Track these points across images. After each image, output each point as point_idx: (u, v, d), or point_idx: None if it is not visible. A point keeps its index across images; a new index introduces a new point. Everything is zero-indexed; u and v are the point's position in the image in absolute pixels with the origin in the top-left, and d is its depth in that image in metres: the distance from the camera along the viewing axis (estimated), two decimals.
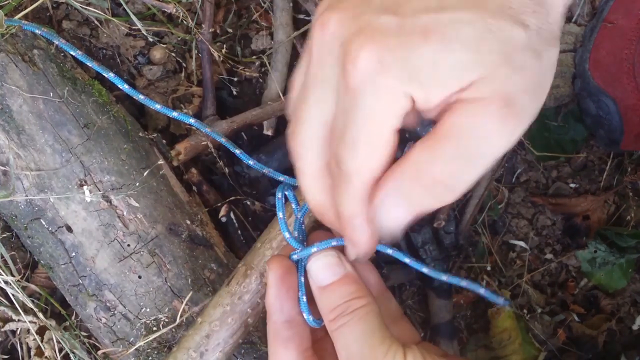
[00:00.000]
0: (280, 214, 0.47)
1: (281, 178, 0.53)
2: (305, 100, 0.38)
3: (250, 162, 0.58)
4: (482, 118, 0.34)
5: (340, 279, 0.42)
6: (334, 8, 0.36)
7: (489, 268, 0.82)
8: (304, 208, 0.47)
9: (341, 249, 0.44)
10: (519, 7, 0.34)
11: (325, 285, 0.42)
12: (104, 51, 0.71)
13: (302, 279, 0.45)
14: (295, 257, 0.45)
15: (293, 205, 0.48)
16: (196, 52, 0.72)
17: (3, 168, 0.57)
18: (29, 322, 0.63)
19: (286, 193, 0.48)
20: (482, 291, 0.45)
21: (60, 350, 0.65)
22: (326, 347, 0.45)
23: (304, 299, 0.44)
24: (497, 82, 0.33)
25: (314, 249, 0.43)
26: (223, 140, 0.61)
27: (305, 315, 0.44)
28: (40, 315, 0.63)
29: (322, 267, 0.42)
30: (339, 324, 0.40)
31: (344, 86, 0.35)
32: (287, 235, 0.45)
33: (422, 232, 0.74)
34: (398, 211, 0.38)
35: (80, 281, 0.59)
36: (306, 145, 0.39)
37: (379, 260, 0.77)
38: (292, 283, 0.44)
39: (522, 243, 0.83)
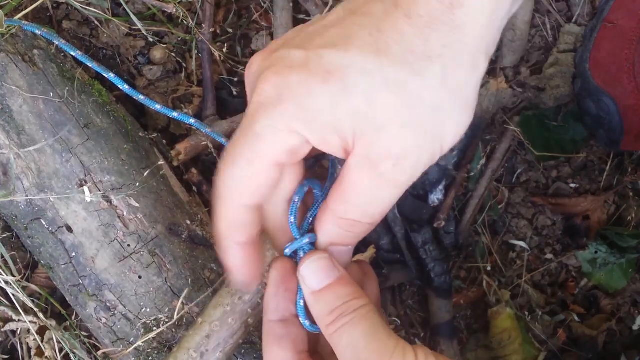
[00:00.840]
0: (291, 218, 0.45)
1: None
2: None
3: None
4: (367, 175, 0.36)
5: (337, 280, 0.41)
6: (261, 51, 0.38)
7: (489, 268, 0.82)
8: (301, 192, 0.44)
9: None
10: (424, 49, 0.34)
11: (321, 289, 0.41)
12: (104, 51, 0.71)
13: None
14: (288, 250, 0.43)
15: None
16: (196, 52, 0.72)
17: (3, 168, 0.57)
18: (29, 322, 0.63)
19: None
20: None
21: (61, 350, 0.65)
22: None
23: (302, 302, 0.44)
24: (385, 139, 0.35)
25: (305, 240, 0.42)
26: (223, 141, 0.61)
27: (301, 319, 0.43)
28: (41, 315, 0.63)
29: (315, 270, 0.41)
30: (340, 324, 0.39)
31: (246, 113, 0.37)
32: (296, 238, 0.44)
33: (423, 232, 0.74)
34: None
35: (81, 281, 0.59)
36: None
37: (379, 260, 0.78)
38: (292, 285, 0.43)
39: (522, 243, 0.83)
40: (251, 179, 0.37)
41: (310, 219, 0.43)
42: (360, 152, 0.35)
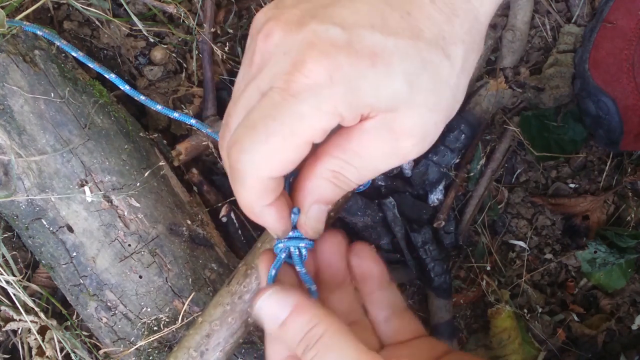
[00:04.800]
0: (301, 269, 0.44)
1: None
2: (236, 102, 0.39)
3: None
4: (384, 144, 0.37)
5: (292, 312, 0.39)
6: (277, 19, 0.37)
7: (488, 268, 0.82)
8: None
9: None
10: (451, 34, 0.37)
11: (280, 324, 0.39)
12: (105, 51, 0.71)
13: (297, 252, 0.43)
14: (281, 245, 0.43)
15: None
16: (197, 52, 0.72)
17: (4, 168, 0.57)
18: (30, 321, 0.63)
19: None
20: None
21: (62, 349, 0.65)
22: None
23: (304, 270, 0.43)
24: (415, 118, 0.36)
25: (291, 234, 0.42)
26: None
27: (308, 285, 0.43)
28: (42, 315, 0.63)
29: (269, 306, 0.39)
30: (310, 356, 0.37)
31: (281, 89, 0.35)
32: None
33: (422, 232, 0.75)
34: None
35: (81, 281, 0.59)
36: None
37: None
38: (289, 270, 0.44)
39: (521, 243, 0.83)
40: (283, 155, 0.36)
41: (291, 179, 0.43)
42: (383, 121, 0.36)
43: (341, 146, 0.38)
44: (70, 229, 0.58)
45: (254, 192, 0.38)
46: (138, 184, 0.60)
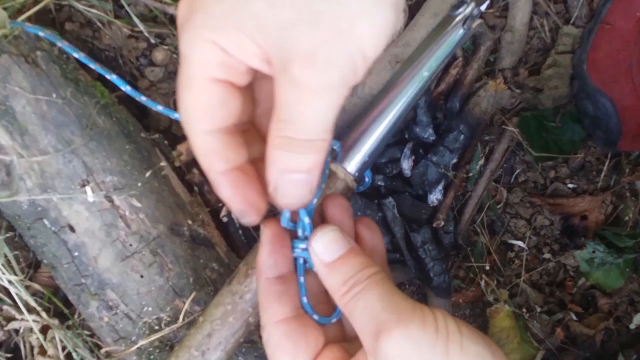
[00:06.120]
0: (301, 279, 0.45)
1: None
2: None
3: None
4: (284, 84, 0.34)
5: (348, 252, 0.41)
6: None
7: (487, 267, 0.82)
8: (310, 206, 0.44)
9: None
10: None
11: (333, 261, 0.41)
12: (107, 53, 0.72)
13: (302, 279, 0.44)
14: (297, 252, 0.44)
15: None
16: None
17: (6, 168, 0.57)
18: (32, 321, 0.63)
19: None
20: None
21: (63, 348, 0.65)
22: None
23: (305, 299, 0.44)
24: (290, 40, 0.32)
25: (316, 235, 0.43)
26: None
27: (309, 314, 0.44)
28: (43, 314, 0.64)
29: (327, 243, 0.41)
30: (355, 291, 0.38)
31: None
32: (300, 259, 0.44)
33: (422, 231, 0.75)
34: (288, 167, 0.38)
35: (83, 280, 0.59)
36: None
37: None
38: (286, 241, 0.44)
39: (520, 243, 0.83)
40: (196, 102, 0.36)
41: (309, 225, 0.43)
42: (276, 60, 0.34)
43: (273, 108, 0.36)
44: (72, 229, 0.58)
45: (201, 152, 0.38)
46: (139, 184, 0.60)
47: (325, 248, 0.41)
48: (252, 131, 0.43)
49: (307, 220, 0.43)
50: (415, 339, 0.35)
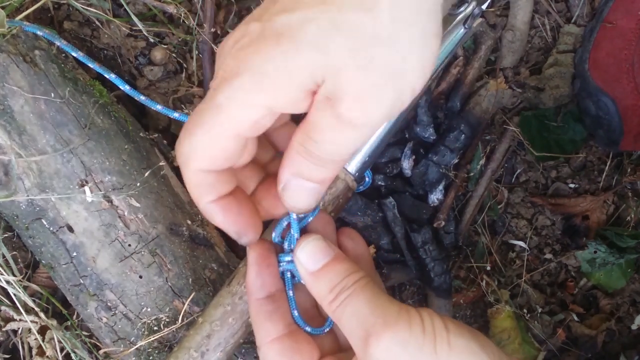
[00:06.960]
0: (290, 293, 0.46)
1: None
2: None
3: None
4: (327, 116, 0.35)
5: (333, 259, 0.42)
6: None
7: (488, 268, 0.82)
8: (304, 220, 0.46)
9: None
10: None
11: (318, 269, 0.42)
12: (105, 52, 0.72)
13: (291, 292, 0.45)
14: (282, 266, 0.45)
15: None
16: (197, 52, 0.72)
17: (4, 168, 0.57)
18: (31, 321, 0.63)
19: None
20: None
21: (62, 349, 0.65)
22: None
23: (296, 313, 0.44)
24: (343, 81, 0.34)
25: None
26: None
27: (302, 326, 0.44)
28: (42, 314, 0.63)
29: (311, 252, 0.42)
30: (342, 298, 0.39)
31: (211, 88, 0.38)
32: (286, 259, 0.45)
33: (422, 232, 0.75)
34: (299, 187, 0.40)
35: (82, 281, 0.59)
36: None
37: (379, 260, 0.78)
38: (272, 260, 0.45)
39: (521, 243, 0.83)
40: (209, 148, 0.38)
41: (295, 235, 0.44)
42: (322, 93, 0.35)
43: (302, 128, 0.38)
44: (71, 229, 0.58)
45: (192, 185, 0.40)
46: (138, 184, 0.60)
47: (309, 257, 0.42)
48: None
49: (296, 235, 0.44)
50: (403, 341, 0.36)
